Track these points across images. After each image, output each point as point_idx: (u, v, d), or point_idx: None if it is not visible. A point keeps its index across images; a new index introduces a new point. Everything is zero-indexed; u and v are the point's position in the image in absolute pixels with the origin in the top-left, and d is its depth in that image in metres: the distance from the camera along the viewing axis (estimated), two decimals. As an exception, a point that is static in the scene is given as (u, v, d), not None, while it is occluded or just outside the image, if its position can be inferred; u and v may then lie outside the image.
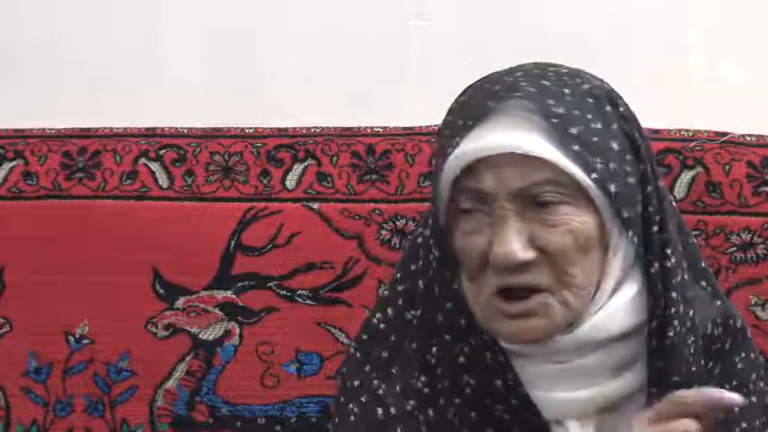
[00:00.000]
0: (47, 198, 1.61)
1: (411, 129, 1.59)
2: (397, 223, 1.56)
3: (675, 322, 1.09)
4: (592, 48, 1.60)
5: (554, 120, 1.04)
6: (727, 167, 1.52)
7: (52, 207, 1.60)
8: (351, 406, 1.15)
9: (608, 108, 1.09)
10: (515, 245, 1.04)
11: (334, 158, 1.58)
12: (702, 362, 1.12)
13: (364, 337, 1.19)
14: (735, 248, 1.51)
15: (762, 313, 1.51)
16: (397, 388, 1.14)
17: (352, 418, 1.15)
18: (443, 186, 1.08)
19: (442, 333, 1.12)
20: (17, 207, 1.61)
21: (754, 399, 1.15)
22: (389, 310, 1.18)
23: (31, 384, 1.60)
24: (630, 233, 1.09)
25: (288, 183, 1.58)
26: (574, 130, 1.05)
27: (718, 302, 1.17)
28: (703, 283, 1.16)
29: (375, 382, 1.15)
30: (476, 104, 1.07)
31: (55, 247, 1.59)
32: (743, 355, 1.16)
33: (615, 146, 1.07)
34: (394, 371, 1.15)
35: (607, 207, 1.07)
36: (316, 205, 1.57)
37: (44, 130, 1.65)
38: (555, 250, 1.05)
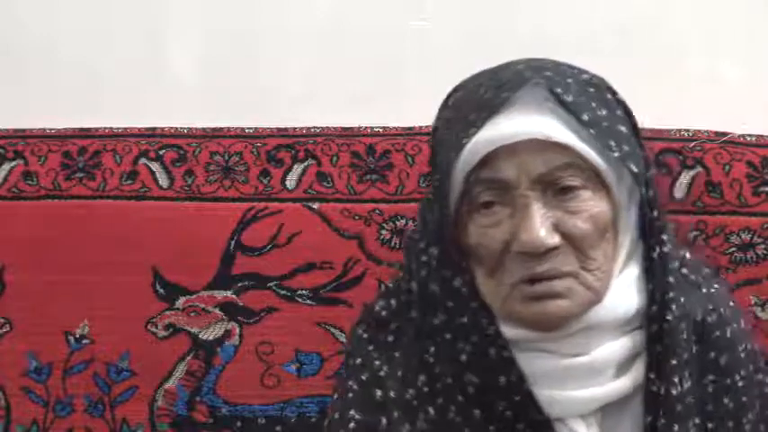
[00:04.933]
0: (47, 198, 1.61)
1: (411, 129, 1.59)
2: (397, 223, 1.56)
3: (673, 306, 1.10)
4: (592, 47, 1.60)
5: (568, 106, 1.05)
6: (726, 167, 1.52)
7: (52, 207, 1.60)
8: (351, 383, 1.16)
9: (609, 96, 1.11)
10: (543, 231, 1.04)
11: (334, 158, 1.58)
12: (695, 349, 1.12)
13: (372, 322, 1.19)
14: (735, 248, 1.51)
15: (762, 313, 1.51)
16: (399, 373, 1.14)
17: (350, 395, 1.15)
18: (456, 180, 1.08)
19: (443, 332, 1.12)
20: (17, 207, 1.61)
21: (755, 390, 1.16)
22: (392, 301, 1.18)
23: (31, 384, 1.60)
24: (637, 215, 1.11)
25: (288, 183, 1.58)
26: (585, 117, 1.06)
27: (711, 290, 1.17)
28: (684, 271, 1.16)
29: (377, 362, 1.15)
30: (485, 96, 1.07)
31: (55, 247, 1.59)
32: (746, 346, 1.16)
33: (624, 129, 1.09)
34: (397, 355, 1.15)
35: (620, 190, 1.09)
36: (316, 205, 1.57)
37: (44, 130, 1.65)
38: (578, 236, 1.06)
